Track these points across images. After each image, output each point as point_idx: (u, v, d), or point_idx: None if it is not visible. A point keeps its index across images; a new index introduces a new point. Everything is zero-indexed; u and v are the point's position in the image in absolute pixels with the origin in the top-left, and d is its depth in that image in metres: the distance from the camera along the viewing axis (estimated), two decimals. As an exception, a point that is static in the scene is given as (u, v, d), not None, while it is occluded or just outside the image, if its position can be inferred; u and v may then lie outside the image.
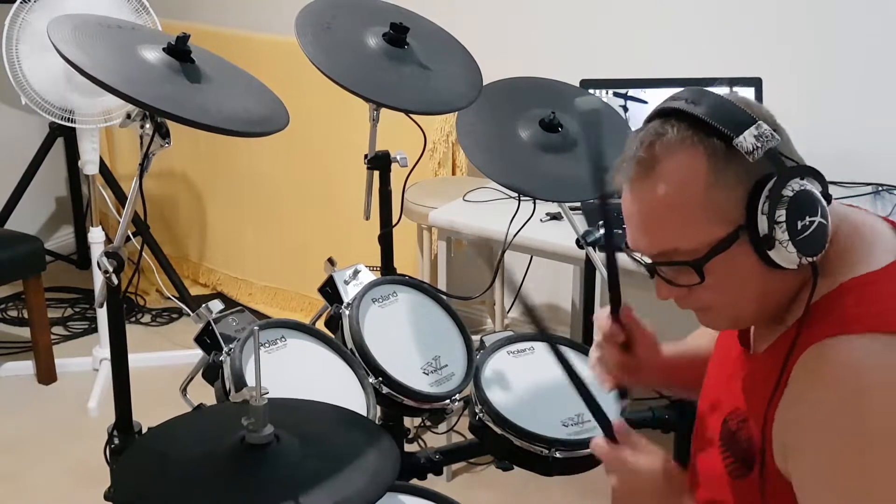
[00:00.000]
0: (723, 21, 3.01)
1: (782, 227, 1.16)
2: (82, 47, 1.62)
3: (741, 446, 1.27)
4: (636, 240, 1.27)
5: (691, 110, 1.19)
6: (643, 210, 1.23)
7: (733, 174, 1.18)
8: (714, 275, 1.21)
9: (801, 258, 1.17)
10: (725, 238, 1.19)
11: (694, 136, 1.19)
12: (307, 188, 3.66)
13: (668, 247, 1.22)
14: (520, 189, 1.99)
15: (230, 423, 1.39)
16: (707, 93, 1.22)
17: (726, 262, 1.20)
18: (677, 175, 1.19)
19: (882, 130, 2.85)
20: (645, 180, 1.21)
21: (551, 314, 3.55)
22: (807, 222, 1.17)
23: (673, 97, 1.24)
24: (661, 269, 1.26)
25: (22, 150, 3.96)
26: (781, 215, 1.16)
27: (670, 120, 1.21)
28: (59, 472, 2.96)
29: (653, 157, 1.20)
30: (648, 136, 1.22)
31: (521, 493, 2.78)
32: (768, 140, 1.17)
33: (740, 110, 1.20)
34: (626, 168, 1.24)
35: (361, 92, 1.90)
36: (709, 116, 1.18)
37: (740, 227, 1.18)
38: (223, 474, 1.35)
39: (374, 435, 1.49)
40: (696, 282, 1.22)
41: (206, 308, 1.85)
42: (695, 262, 1.20)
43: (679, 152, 1.19)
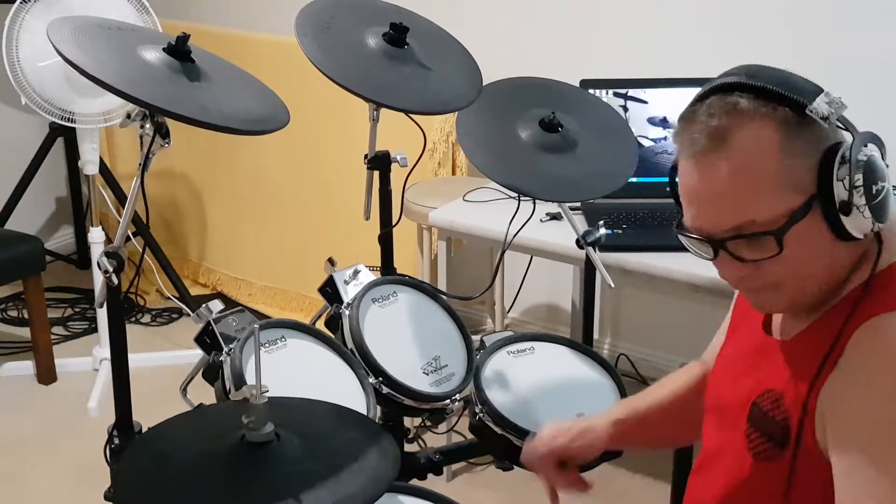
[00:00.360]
0: (723, 21, 3.01)
1: (860, 192, 1.16)
2: (82, 47, 1.62)
3: (774, 425, 1.26)
4: (706, 215, 1.22)
5: (755, 83, 1.19)
6: (715, 183, 1.20)
7: (806, 142, 1.18)
8: (790, 246, 1.19)
9: (874, 224, 1.18)
10: (802, 206, 1.18)
11: (765, 106, 1.18)
12: (307, 188, 3.66)
13: (744, 219, 1.19)
14: (520, 189, 1.99)
15: (230, 421, 1.39)
16: (763, 66, 1.23)
17: (801, 233, 1.18)
18: (751, 145, 1.18)
19: (882, 130, 2.83)
20: (717, 152, 1.18)
21: (551, 314, 3.55)
22: (879, 187, 1.18)
23: (727, 73, 1.24)
24: (732, 245, 1.22)
25: (22, 150, 3.96)
26: (859, 179, 1.16)
27: (734, 92, 1.20)
28: (59, 472, 2.96)
29: (725, 127, 1.18)
30: (717, 108, 1.20)
31: (521, 493, 2.78)
32: (839, 107, 1.18)
33: (803, 80, 1.20)
34: (694, 141, 1.20)
35: (361, 92, 1.90)
36: (778, 86, 1.19)
37: (814, 196, 1.18)
38: (223, 473, 1.35)
39: (374, 434, 1.49)
40: (773, 253, 1.19)
41: (206, 308, 1.85)
42: (775, 231, 1.18)
43: (751, 122, 1.18)
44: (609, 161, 2.11)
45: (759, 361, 1.33)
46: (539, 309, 3.59)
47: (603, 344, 3.46)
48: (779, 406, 1.26)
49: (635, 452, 1.65)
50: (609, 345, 3.48)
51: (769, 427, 1.27)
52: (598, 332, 3.36)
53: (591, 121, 2.15)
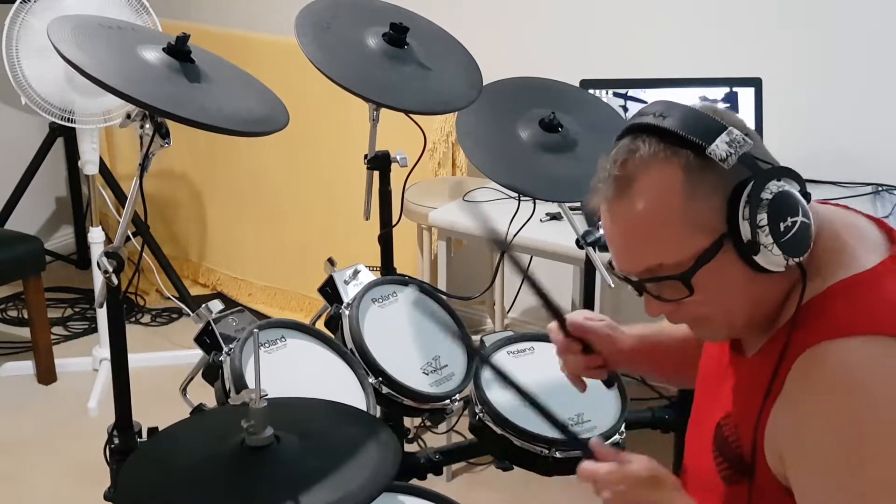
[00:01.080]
0: (723, 21, 3.01)
1: (765, 231, 1.15)
2: (82, 47, 1.62)
3: (733, 452, 1.27)
4: (620, 259, 1.25)
5: (660, 123, 1.18)
6: (624, 229, 1.22)
7: (710, 183, 1.17)
8: (702, 286, 1.20)
9: (787, 260, 1.17)
10: (710, 248, 1.18)
11: (666, 150, 1.18)
12: (307, 188, 3.66)
13: (652, 263, 1.21)
14: (520, 189, 1.99)
15: (230, 425, 1.39)
16: (674, 104, 1.21)
17: (713, 272, 1.19)
18: (654, 190, 1.18)
19: (882, 130, 2.85)
20: (622, 199, 1.20)
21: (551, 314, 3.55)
22: (789, 223, 1.16)
23: (641, 112, 1.23)
24: (649, 286, 1.24)
25: (22, 150, 3.96)
26: (763, 219, 1.15)
27: (641, 136, 1.20)
28: (59, 472, 2.96)
29: (627, 174, 1.19)
30: (621, 154, 1.21)
31: (521, 493, 2.78)
32: (741, 145, 1.17)
33: (709, 118, 1.19)
34: (602, 188, 1.23)
35: (361, 92, 1.90)
36: (679, 128, 1.18)
37: (724, 235, 1.18)
38: (224, 477, 1.36)
39: (374, 428, 1.49)
40: (685, 295, 1.21)
41: (206, 308, 1.85)
42: (682, 275, 1.20)
43: (653, 167, 1.18)
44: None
45: (727, 375, 1.33)
46: (539, 309, 3.58)
47: (603, 344, 3.46)
48: (737, 431, 1.26)
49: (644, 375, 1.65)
50: (609, 345, 3.47)
51: (730, 453, 1.28)
52: (598, 332, 3.35)
53: (591, 121, 2.15)
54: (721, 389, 1.33)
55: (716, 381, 1.36)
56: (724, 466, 1.29)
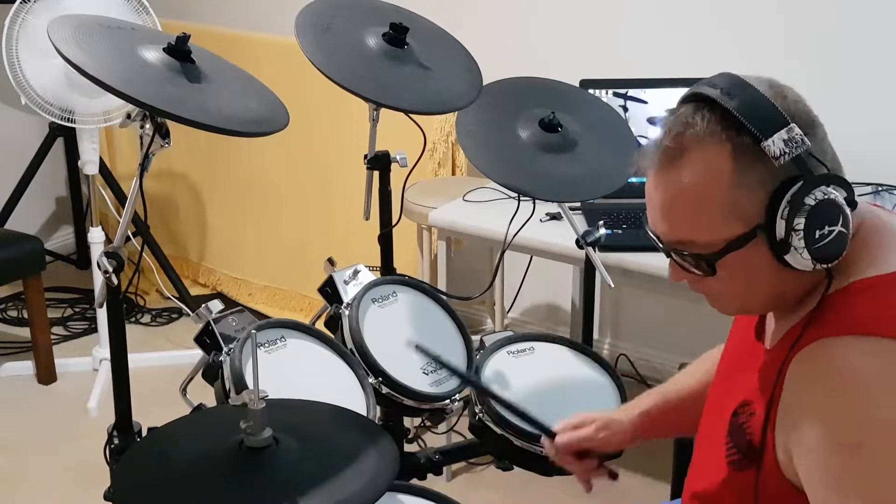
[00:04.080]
0: (723, 21, 3.01)
1: (799, 235, 1.15)
2: (82, 47, 1.62)
3: (746, 439, 1.27)
4: (656, 223, 1.25)
5: (725, 103, 1.17)
6: (665, 198, 1.22)
7: (758, 175, 1.17)
8: (727, 270, 1.21)
9: (815, 265, 1.17)
10: (742, 236, 1.18)
11: (723, 132, 1.17)
12: (307, 188, 3.66)
13: (685, 237, 1.22)
14: (520, 189, 1.99)
15: (229, 426, 1.39)
16: (745, 85, 1.19)
17: (741, 259, 1.20)
18: (701, 169, 1.18)
19: (882, 130, 2.85)
20: (669, 170, 1.20)
21: (551, 314, 3.55)
22: (825, 231, 1.16)
23: (709, 82, 1.21)
24: (675, 255, 1.26)
25: (22, 150, 3.96)
26: (800, 223, 1.15)
27: (702, 109, 1.19)
28: (59, 472, 2.96)
29: (679, 147, 1.19)
30: (677, 126, 1.20)
31: (521, 493, 2.78)
32: (797, 146, 1.16)
33: (774, 109, 1.17)
34: (652, 154, 1.22)
35: (361, 92, 1.90)
36: (741, 113, 1.16)
37: (759, 227, 1.18)
38: (222, 478, 1.35)
39: (374, 435, 1.49)
40: (707, 274, 1.23)
41: (205, 308, 1.85)
42: (709, 256, 1.21)
43: (706, 146, 1.18)
44: (609, 161, 2.11)
45: (749, 364, 1.34)
46: (539, 309, 3.59)
47: (603, 344, 3.46)
48: (752, 420, 1.27)
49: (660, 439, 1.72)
50: (609, 345, 3.48)
51: (742, 439, 1.28)
52: (597, 333, 3.36)
53: (591, 121, 2.15)
54: (741, 378, 1.33)
55: (736, 370, 1.37)
56: (732, 452, 1.29)
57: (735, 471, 1.29)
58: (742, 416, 1.29)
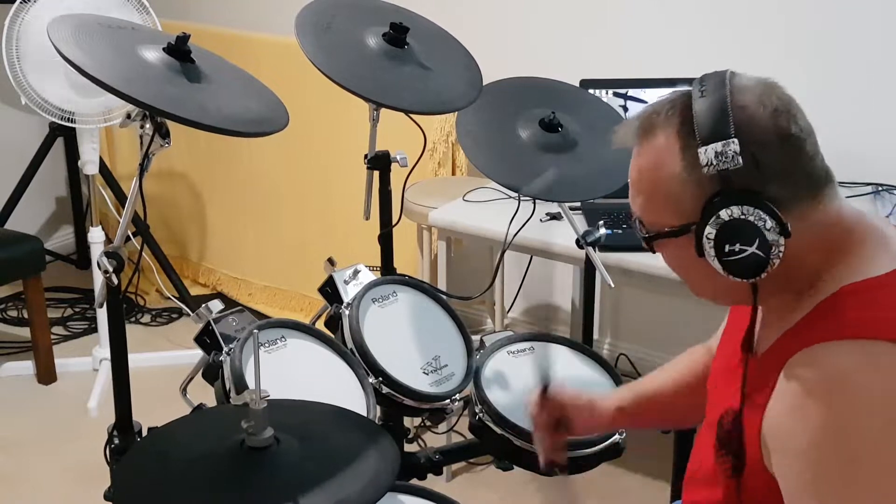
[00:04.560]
0: (723, 21, 3.01)
1: (710, 244, 1.19)
2: (82, 47, 1.62)
3: (734, 446, 1.27)
4: None
5: (694, 100, 1.21)
6: (631, 169, 1.29)
7: (700, 176, 1.18)
8: (665, 254, 1.29)
9: (727, 275, 1.19)
10: (676, 229, 1.23)
11: (681, 128, 1.21)
12: (307, 188, 3.66)
13: (636, 211, 1.29)
14: (520, 189, 1.99)
15: (230, 426, 1.39)
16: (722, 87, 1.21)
17: (673, 249, 1.26)
18: (655, 154, 1.23)
19: (882, 130, 2.85)
20: (638, 145, 1.26)
21: (551, 314, 3.55)
22: (736, 248, 1.18)
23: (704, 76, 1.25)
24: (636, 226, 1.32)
25: (22, 150, 3.96)
26: (711, 233, 1.18)
27: (681, 98, 1.24)
28: (59, 472, 2.96)
29: (647, 127, 1.25)
30: (657, 105, 1.25)
31: (521, 493, 2.78)
32: (727, 161, 1.16)
33: (725, 120, 1.17)
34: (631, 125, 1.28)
35: (361, 92, 1.90)
36: (697, 114, 1.19)
37: (692, 225, 1.21)
38: (223, 477, 1.35)
39: (374, 435, 1.49)
40: (647, 249, 1.29)
41: (206, 308, 1.85)
42: (646, 235, 1.27)
43: (663, 135, 1.22)
44: (609, 161, 2.11)
45: (736, 372, 1.33)
46: (539, 309, 3.59)
47: (603, 344, 3.46)
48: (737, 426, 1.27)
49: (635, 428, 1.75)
50: (609, 345, 3.48)
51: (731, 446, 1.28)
52: (597, 332, 3.36)
53: (591, 121, 2.15)
54: (728, 385, 1.33)
55: (725, 377, 1.37)
56: (724, 459, 1.29)
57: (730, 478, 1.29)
58: (725, 422, 1.29)
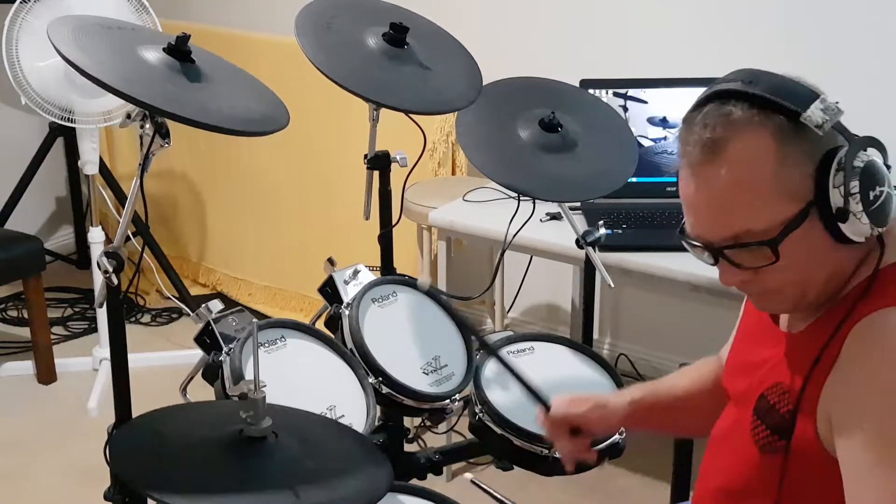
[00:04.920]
0: (723, 21, 3.01)
1: (856, 199, 1.16)
2: (82, 47, 1.62)
3: (779, 418, 1.26)
4: (704, 225, 1.24)
5: (751, 90, 1.18)
6: (711, 194, 1.21)
7: (801, 150, 1.18)
8: (787, 254, 1.20)
9: (872, 229, 1.18)
10: (798, 215, 1.18)
11: (759, 115, 1.18)
12: (307, 188, 3.66)
13: (739, 229, 1.20)
14: (520, 189, 1.99)
15: (229, 416, 1.40)
16: (761, 72, 1.21)
17: (799, 240, 1.19)
18: (746, 156, 1.18)
19: (882, 130, 2.83)
20: (712, 164, 1.19)
21: (551, 314, 3.55)
22: (878, 192, 1.17)
23: (724, 79, 1.23)
24: (730, 253, 1.23)
25: (22, 150, 3.96)
26: (855, 186, 1.16)
27: (730, 101, 1.20)
28: (59, 472, 2.96)
29: (719, 139, 1.19)
30: (711, 119, 1.20)
31: (521, 493, 2.77)
32: (835, 113, 1.17)
33: (801, 85, 1.19)
34: (689, 152, 1.21)
35: (361, 92, 1.90)
36: (772, 94, 1.18)
37: (811, 203, 1.18)
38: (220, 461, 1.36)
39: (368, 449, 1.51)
40: (769, 262, 1.21)
41: (206, 308, 1.85)
42: (770, 241, 1.19)
43: (746, 132, 1.18)
44: (609, 161, 2.11)
45: (767, 356, 1.33)
46: (539, 309, 3.58)
47: (603, 344, 3.46)
48: (784, 400, 1.26)
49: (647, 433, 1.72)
50: (609, 345, 3.48)
51: (774, 420, 1.27)
52: (597, 332, 3.36)
53: (591, 121, 2.15)
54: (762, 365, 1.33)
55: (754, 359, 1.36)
56: (763, 434, 1.29)
57: (765, 453, 1.28)
58: (772, 396, 1.28)
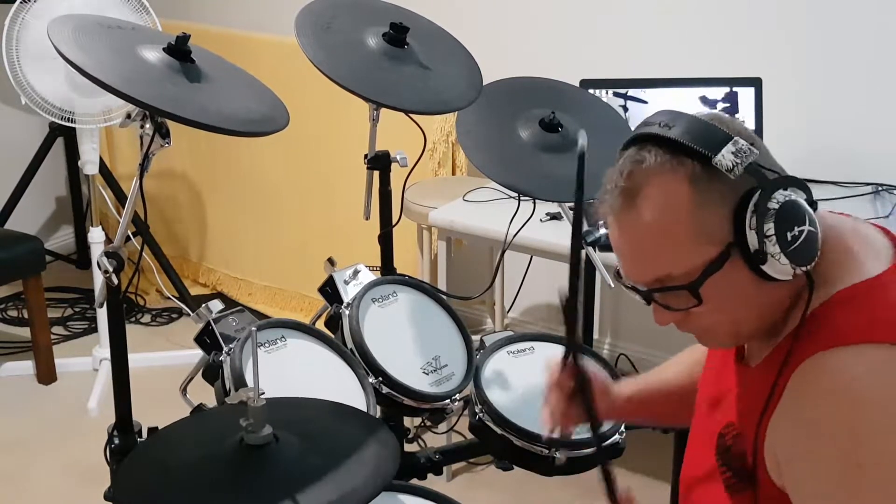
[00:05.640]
0: (723, 21, 3.01)
1: (772, 241, 1.15)
2: (82, 47, 1.62)
3: (737, 461, 1.26)
4: (628, 270, 1.25)
5: (666, 134, 1.18)
6: (632, 240, 1.22)
7: (717, 193, 1.17)
8: (710, 295, 1.20)
9: (794, 269, 1.17)
10: (717, 258, 1.18)
11: (673, 160, 1.17)
12: (307, 188, 3.67)
13: (661, 273, 1.21)
14: (520, 189, 1.99)
15: (229, 424, 1.39)
16: (680, 114, 1.21)
17: (721, 281, 1.18)
18: (661, 201, 1.18)
19: (882, 130, 2.85)
20: (630, 210, 1.20)
21: (551, 314, 3.55)
22: (796, 232, 1.16)
23: (646, 122, 1.23)
24: (657, 296, 1.24)
25: (22, 150, 3.96)
26: (770, 228, 1.15)
27: (647, 146, 1.20)
28: (59, 473, 2.96)
29: (634, 185, 1.19)
30: (627, 166, 1.21)
31: (521, 493, 2.78)
32: (746, 155, 1.16)
33: (715, 128, 1.18)
34: (609, 200, 1.22)
35: (361, 92, 1.90)
36: (684, 138, 1.17)
37: (731, 245, 1.17)
38: (223, 475, 1.36)
39: (373, 427, 1.49)
40: (693, 304, 1.21)
41: (206, 308, 1.85)
42: (690, 285, 1.19)
43: (660, 178, 1.18)
44: (609, 161, 2.10)
45: (731, 385, 1.33)
46: (539, 309, 3.59)
47: (603, 344, 3.46)
48: (739, 441, 1.26)
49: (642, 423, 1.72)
50: (609, 345, 3.48)
51: (733, 462, 1.27)
52: (598, 332, 3.36)
53: (591, 121, 2.15)
54: (724, 399, 1.33)
55: (718, 391, 1.36)
56: (727, 476, 1.28)
57: (734, 494, 1.28)
58: (727, 437, 1.29)
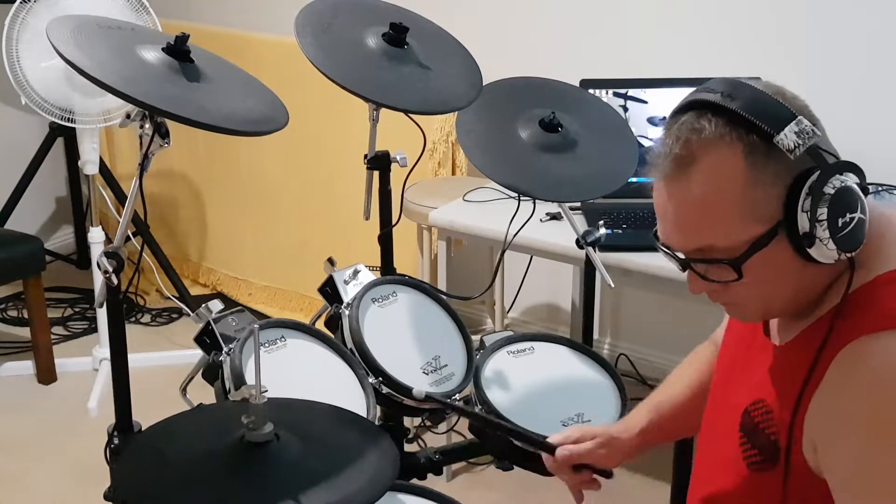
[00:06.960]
0: (723, 20, 3.01)
1: (823, 226, 1.14)
2: (82, 47, 1.62)
3: (765, 439, 1.25)
4: (668, 235, 1.23)
5: (728, 105, 1.16)
6: (678, 208, 1.20)
7: (772, 171, 1.15)
8: (751, 272, 1.19)
9: (840, 254, 1.16)
10: (764, 235, 1.17)
11: (732, 133, 1.16)
12: (307, 188, 3.67)
13: (704, 244, 1.20)
14: (520, 189, 1.99)
15: (230, 421, 1.39)
16: (743, 85, 1.18)
17: (764, 259, 1.18)
18: (715, 173, 1.16)
19: (882, 130, 2.85)
20: (681, 178, 1.18)
21: (551, 314, 3.55)
22: (847, 219, 1.15)
23: (706, 88, 1.20)
24: (696, 265, 1.23)
25: (22, 150, 3.96)
26: (823, 213, 1.14)
27: (706, 114, 1.17)
28: (59, 472, 2.96)
29: (689, 154, 1.17)
30: (684, 133, 1.18)
31: (521, 493, 2.78)
32: (809, 136, 1.15)
33: (779, 105, 1.16)
34: (660, 164, 1.20)
35: (361, 92, 1.90)
36: (747, 112, 1.15)
37: (779, 224, 1.16)
38: (223, 473, 1.35)
39: (374, 435, 1.49)
40: (733, 278, 1.20)
41: (206, 308, 1.85)
42: (733, 260, 1.18)
43: (717, 150, 1.16)
44: (609, 161, 2.11)
45: (753, 365, 1.32)
46: (539, 309, 3.59)
47: (603, 344, 3.46)
48: (769, 420, 1.25)
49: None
50: (609, 345, 3.48)
51: (760, 440, 1.26)
52: (597, 332, 3.36)
53: (591, 121, 2.15)
54: (750, 376, 1.32)
55: (743, 368, 1.35)
56: (751, 453, 1.27)
57: (755, 472, 1.27)
58: (756, 414, 1.27)
